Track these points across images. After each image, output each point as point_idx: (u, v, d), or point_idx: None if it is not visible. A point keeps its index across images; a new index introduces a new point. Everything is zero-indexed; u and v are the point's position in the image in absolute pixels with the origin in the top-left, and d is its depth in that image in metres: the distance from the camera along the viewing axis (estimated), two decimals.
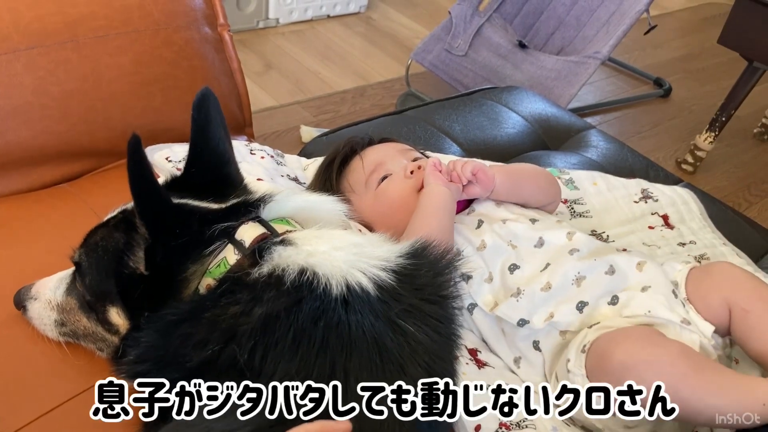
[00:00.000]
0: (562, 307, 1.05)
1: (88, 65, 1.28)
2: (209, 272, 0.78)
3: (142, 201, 0.75)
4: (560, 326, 1.05)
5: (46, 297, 0.90)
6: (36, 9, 1.23)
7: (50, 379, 0.91)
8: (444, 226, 1.12)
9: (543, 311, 1.06)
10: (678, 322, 1.00)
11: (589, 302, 1.05)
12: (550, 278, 1.08)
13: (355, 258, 0.76)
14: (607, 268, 1.08)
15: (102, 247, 0.83)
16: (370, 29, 3.30)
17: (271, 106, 2.59)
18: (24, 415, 0.87)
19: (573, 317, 1.04)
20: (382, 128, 1.67)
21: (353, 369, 0.69)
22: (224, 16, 1.50)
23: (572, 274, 1.08)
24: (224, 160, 0.90)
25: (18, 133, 1.23)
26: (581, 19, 2.76)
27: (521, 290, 1.08)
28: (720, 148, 2.59)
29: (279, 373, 0.68)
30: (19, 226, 1.16)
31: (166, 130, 1.39)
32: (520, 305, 1.07)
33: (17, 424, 0.85)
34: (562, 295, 1.07)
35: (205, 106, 0.86)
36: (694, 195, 1.51)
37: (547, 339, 1.06)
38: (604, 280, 1.07)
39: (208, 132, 0.87)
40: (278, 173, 1.36)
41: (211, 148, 0.88)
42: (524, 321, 1.05)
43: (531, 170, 1.32)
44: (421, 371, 0.72)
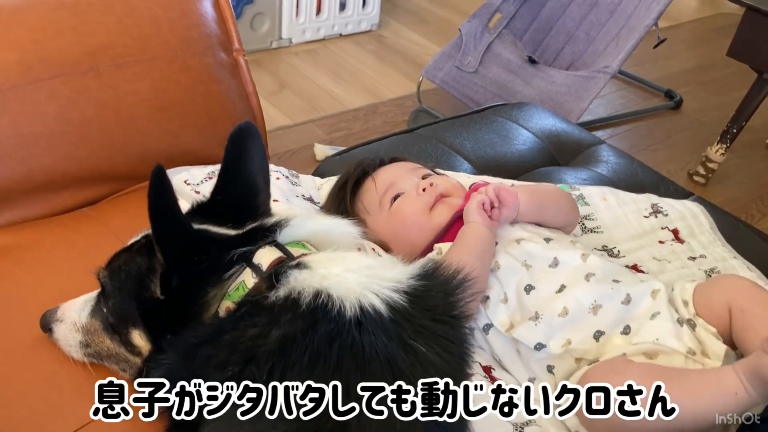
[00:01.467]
0: (578, 334, 1.06)
1: (108, 92, 1.31)
2: (228, 295, 0.80)
3: (159, 229, 0.78)
4: (576, 354, 1.06)
5: (72, 319, 0.93)
6: (58, 40, 1.27)
7: (75, 401, 0.93)
8: (482, 265, 1.12)
9: (560, 337, 1.06)
10: (683, 352, 1.01)
11: (605, 332, 1.06)
12: (566, 303, 1.08)
13: (368, 280, 0.78)
14: (624, 297, 1.09)
15: (125, 271, 0.86)
16: (381, 47, 3.34)
17: (285, 125, 2.63)
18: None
19: (589, 346, 1.05)
20: (394, 146, 1.69)
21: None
22: (239, 41, 1.53)
23: (589, 301, 1.08)
24: (252, 192, 0.92)
25: (41, 159, 1.26)
26: (590, 34, 2.78)
27: (539, 314, 1.08)
28: (732, 159, 2.59)
29: None
30: (42, 251, 1.19)
31: (183, 154, 1.43)
32: (538, 329, 1.07)
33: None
34: (579, 322, 1.07)
35: (240, 138, 0.90)
36: (703, 209, 1.52)
37: (561, 364, 1.07)
38: (621, 309, 1.08)
39: (240, 164, 0.90)
40: (293, 194, 1.39)
41: (239, 180, 0.91)
42: (541, 345, 1.06)
43: (554, 192, 1.33)
44: None
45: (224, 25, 1.50)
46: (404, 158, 1.40)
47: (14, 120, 1.22)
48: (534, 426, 1.01)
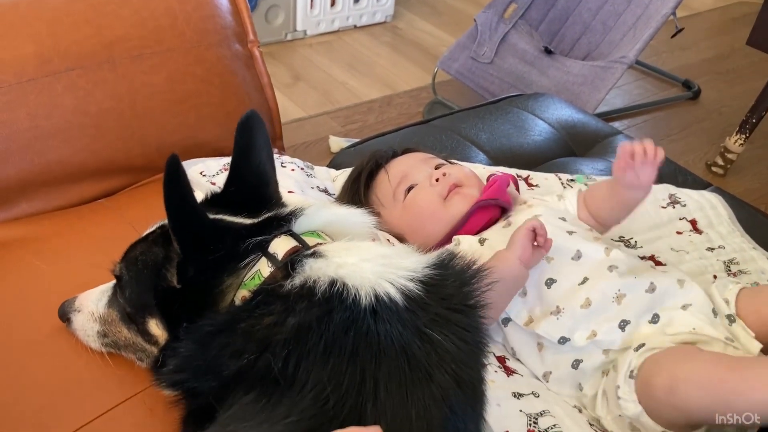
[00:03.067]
0: (604, 325, 1.05)
1: (124, 84, 1.32)
2: (244, 284, 0.80)
3: (175, 218, 0.78)
4: (603, 345, 1.05)
5: (89, 309, 0.93)
6: (75, 33, 1.28)
7: (93, 390, 0.94)
8: (503, 302, 1.10)
9: (584, 329, 1.06)
10: (722, 339, 1.01)
11: (631, 321, 1.05)
12: (589, 294, 1.07)
13: (383, 269, 0.78)
14: (648, 285, 1.08)
15: (141, 261, 0.87)
16: (396, 38, 3.33)
17: (300, 117, 2.63)
18: (69, 424, 0.90)
19: (616, 336, 1.05)
20: (409, 138, 1.69)
21: (382, 377, 0.71)
22: (254, 32, 1.54)
23: (612, 291, 1.07)
24: (263, 181, 0.93)
25: (59, 151, 1.28)
26: (607, 24, 2.76)
27: (561, 308, 1.07)
28: (751, 150, 2.56)
29: (312, 381, 0.70)
30: (60, 242, 1.21)
31: (199, 145, 1.43)
32: (560, 323, 1.07)
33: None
34: (603, 312, 1.06)
35: (248, 128, 0.90)
36: (722, 199, 1.51)
37: (590, 359, 1.06)
38: (645, 298, 1.07)
39: (250, 154, 0.91)
40: (308, 185, 1.39)
41: (250, 170, 0.91)
42: (565, 339, 1.06)
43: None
44: (449, 379, 0.73)
45: (239, 16, 1.50)
46: (417, 149, 1.40)
47: (32, 112, 1.24)
48: (548, 417, 1.01)
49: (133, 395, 0.93)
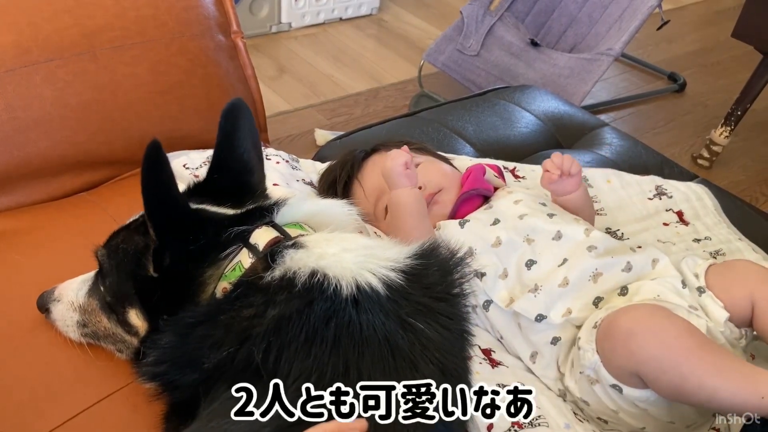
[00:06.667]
0: (578, 303, 1.06)
1: (106, 75, 1.30)
2: (225, 276, 0.80)
3: (151, 203, 0.77)
4: (577, 322, 1.06)
5: (69, 298, 0.92)
6: (54, 22, 1.26)
7: (75, 385, 0.93)
8: (425, 226, 1.16)
9: (560, 306, 1.07)
10: (686, 307, 1.01)
11: (604, 297, 1.07)
12: (567, 273, 1.08)
13: (364, 259, 0.78)
14: (624, 265, 1.09)
15: (122, 249, 0.86)
16: (382, 31, 3.31)
17: (285, 110, 2.61)
18: (50, 420, 0.89)
19: (589, 312, 1.05)
20: (395, 130, 1.68)
21: (366, 367, 0.70)
22: (237, 23, 1.52)
23: (590, 270, 1.09)
24: (247, 169, 0.92)
25: (38, 144, 1.26)
26: (593, 16, 2.75)
27: (539, 286, 1.09)
28: (736, 142, 2.57)
29: (294, 372, 0.70)
30: (40, 235, 1.19)
31: (182, 138, 1.42)
32: (538, 300, 1.08)
33: (44, 429, 0.87)
34: (580, 290, 1.08)
35: (233, 115, 0.89)
36: (708, 191, 1.51)
37: (564, 333, 1.07)
38: (621, 276, 1.09)
39: (234, 141, 0.90)
40: (294, 178, 1.38)
41: (234, 157, 0.90)
42: (542, 316, 1.06)
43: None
44: (433, 368, 0.73)
45: (222, 6, 1.49)
46: (386, 145, 1.37)
47: (10, 104, 1.21)
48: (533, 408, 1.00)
49: (116, 390, 0.92)
